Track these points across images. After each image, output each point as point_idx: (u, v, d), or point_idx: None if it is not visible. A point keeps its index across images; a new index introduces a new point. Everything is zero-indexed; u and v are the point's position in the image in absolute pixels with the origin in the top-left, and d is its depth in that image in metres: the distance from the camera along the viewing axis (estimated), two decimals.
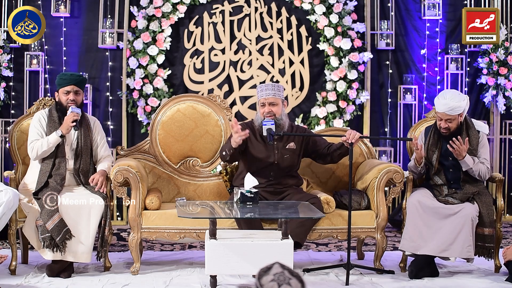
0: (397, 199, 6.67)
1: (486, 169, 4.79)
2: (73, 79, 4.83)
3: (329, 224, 4.79)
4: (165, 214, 4.76)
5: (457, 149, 4.67)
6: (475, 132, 4.84)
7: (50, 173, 4.68)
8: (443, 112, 4.75)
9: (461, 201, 4.70)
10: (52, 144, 4.70)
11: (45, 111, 4.88)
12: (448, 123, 4.77)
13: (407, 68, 7.04)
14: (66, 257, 4.53)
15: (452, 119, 4.76)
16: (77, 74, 4.94)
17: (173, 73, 6.87)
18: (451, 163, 4.83)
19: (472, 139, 4.81)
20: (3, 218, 4.40)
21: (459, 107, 4.73)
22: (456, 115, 4.76)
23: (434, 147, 4.86)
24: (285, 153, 4.89)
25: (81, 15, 6.79)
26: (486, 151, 4.86)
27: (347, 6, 6.84)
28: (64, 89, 4.80)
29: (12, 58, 6.63)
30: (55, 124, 4.78)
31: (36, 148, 4.70)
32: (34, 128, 4.79)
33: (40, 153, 4.69)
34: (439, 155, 4.85)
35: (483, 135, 4.87)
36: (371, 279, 4.66)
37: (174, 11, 6.77)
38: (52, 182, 4.64)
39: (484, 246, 4.71)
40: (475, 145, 4.81)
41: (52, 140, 4.70)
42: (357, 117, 6.95)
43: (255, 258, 4.14)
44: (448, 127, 4.78)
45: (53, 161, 4.71)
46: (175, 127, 5.20)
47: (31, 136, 4.77)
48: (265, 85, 4.87)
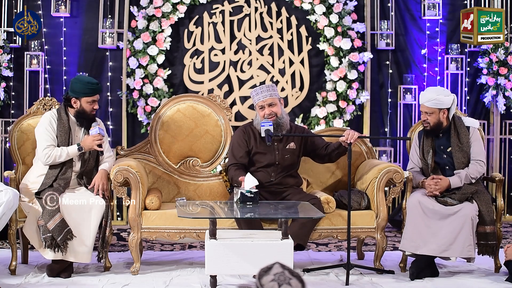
0: (397, 199, 6.67)
1: (477, 169, 4.79)
2: (99, 88, 4.78)
3: (329, 224, 4.79)
4: (165, 214, 4.76)
5: (435, 188, 4.72)
6: (464, 129, 4.87)
7: (56, 177, 4.67)
8: (422, 103, 4.84)
9: (460, 201, 4.71)
10: (71, 156, 4.69)
11: (53, 112, 4.80)
12: (427, 116, 4.82)
13: (407, 68, 7.04)
14: (67, 257, 4.53)
15: (431, 112, 4.81)
16: (98, 82, 4.85)
17: (173, 73, 6.87)
18: (447, 160, 4.85)
19: (462, 137, 4.85)
20: (3, 218, 4.40)
21: (439, 100, 4.77)
22: (435, 109, 4.79)
23: (428, 146, 4.89)
24: (286, 153, 4.89)
25: (81, 15, 6.79)
26: (478, 144, 4.87)
27: (347, 6, 6.84)
28: (90, 99, 4.72)
29: (12, 58, 6.63)
30: (65, 129, 4.73)
31: (53, 156, 4.65)
32: (46, 131, 4.71)
33: (56, 162, 4.67)
34: (433, 153, 4.88)
35: (473, 130, 4.89)
36: (371, 279, 4.66)
37: (174, 11, 6.77)
38: (56, 185, 4.63)
39: (487, 244, 4.71)
40: (465, 142, 4.83)
41: (72, 153, 4.67)
42: (357, 117, 6.95)
43: (255, 258, 4.14)
44: (427, 120, 4.82)
45: (61, 168, 4.70)
46: (175, 127, 5.20)
47: (45, 140, 4.69)
48: (260, 88, 4.86)
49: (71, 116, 4.79)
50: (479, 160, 4.83)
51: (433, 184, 4.73)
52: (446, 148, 4.87)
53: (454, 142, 4.84)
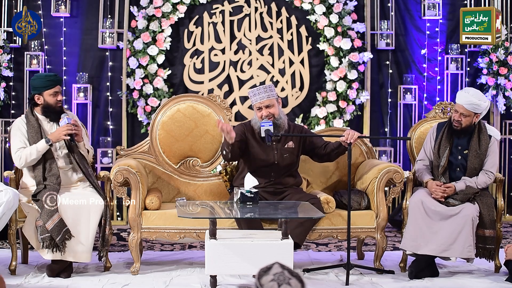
0: (397, 199, 6.67)
1: (485, 181, 4.80)
2: (58, 80, 4.82)
3: (329, 224, 4.79)
4: (165, 214, 4.76)
5: (442, 196, 4.72)
6: (486, 136, 4.86)
7: (43, 176, 4.65)
8: (461, 104, 4.78)
9: (462, 202, 4.71)
10: (41, 151, 4.65)
11: (22, 118, 4.81)
12: (462, 117, 4.80)
13: (407, 68, 7.04)
14: (66, 257, 4.53)
15: (467, 115, 4.79)
16: (56, 74, 4.92)
17: (173, 73, 6.87)
18: (460, 162, 4.85)
19: (482, 143, 4.84)
20: (3, 218, 4.41)
21: (478, 106, 4.76)
22: (471, 112, 4.78)
23: (446, 142, 4.87)
24: (285, 153, 4.89)
25: (81, 15, 6.79)
26: (494, 156, 4.88)
27: (347, 6, 6.84)
28: (51, 91, 4.75)
29: (12, 58, 6.63)
30: (35, 129, 4.72)
31: (24, 156, 4.64)
32: (15, 136, 4.73)
33: (29, 161, 4.65)
34: (449, 152, 4.86)
35: (493, 141, 4.88)
36: (371, 279, 4.66)
37: (174, 11, 6.77)
38: (49, 184, 4.62)
39: (485, 248, 4.71)
40: (484, 150, 4.83)
41: (41, 148, 4.64)
42: (357, 117, 6.95)
43: (255, 258, 4.14)
44: (460, 121, 4.80)
45: (43, 166, 4.67)
46: (175, 127, 5.20)
47: (15, 145, 4.70)
48: (257, 89, 4.85)
49: (39, 115, 4.79)
50: (490, 172, 4.83)
51: (440, 191, 4.72)
52: (463, 149, 4.85)
53: (473, 147, 4.83)
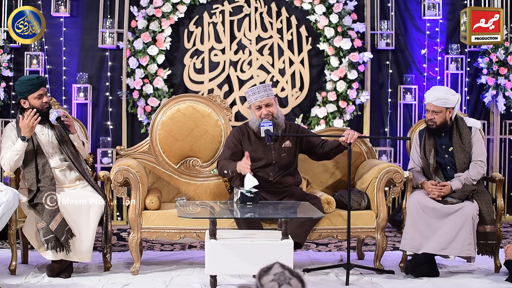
0: (397, 199, 6.67)
1: (478, 171, 4.81)
2: (41, 82, 4.73)
3: (329, 224, 4.80)
4: (165, 214, 4.76)
5: (439, 195, 4.72)
6: (466, 129, 4.88)
7: (37, 179, 4.63)
8: (429, 102, 4.83)
9: (460, 200, 4.71)
10: (21, 150, 4.62)
11: (12, 124, 4.79)
12: (435, 115, 4.83)
13: (407, 68, 7.05)
14: (70, 257, 4.52)
15: (438, 111, 4.81)
16: (39, 76, 4.83)
17: (173, 73, 6.87)
18: (448, 160, 4.86)
19: (464, 137, 4.86)
20: (3, 218, 4.40)
21: (447, 99, 4.78)
22: (442, 108, 4.79)
23: (430, 144, 4.90)
24: (282, 152, 4.89)
25: (81, 15, 6.79)
26: (480, 145, 4.89)
27: (347, 6, 6.84)
28: (35, 94, 4.68)
29: (12, 58, 6.63)
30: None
31: (7, 161, 4.62)
32: (5, 143, 4.71)
33: (13, 164, 4.63)
34: (435, 153, 4.88)
35: (475, 130, 4.91)
36: (371, 279, 4.66)
37: (174, 11, 6.77)
38: (43, 186, 4.60)
39: (487, 244, 4.71)
40: (467, 142, 4.85)
41: (19, 147, 4.62)
42: (357, 117, 6.95)
43: (255, 258, 4.14)
44: (433, 119, 4.84)
45: (36, 168, 4.66)
46: (175, 127, 5.20)
47: (4, 150, 4.70)
48: (256, 88, 4.85)
49: None
50: (480, 161, 4.83)
51: (437, 191, 4.73)
52: (448, 148, 4.88)
53: (456, 142, 4.85)
